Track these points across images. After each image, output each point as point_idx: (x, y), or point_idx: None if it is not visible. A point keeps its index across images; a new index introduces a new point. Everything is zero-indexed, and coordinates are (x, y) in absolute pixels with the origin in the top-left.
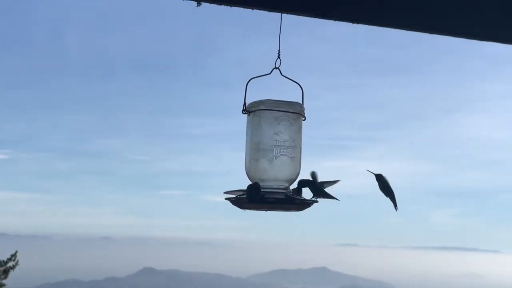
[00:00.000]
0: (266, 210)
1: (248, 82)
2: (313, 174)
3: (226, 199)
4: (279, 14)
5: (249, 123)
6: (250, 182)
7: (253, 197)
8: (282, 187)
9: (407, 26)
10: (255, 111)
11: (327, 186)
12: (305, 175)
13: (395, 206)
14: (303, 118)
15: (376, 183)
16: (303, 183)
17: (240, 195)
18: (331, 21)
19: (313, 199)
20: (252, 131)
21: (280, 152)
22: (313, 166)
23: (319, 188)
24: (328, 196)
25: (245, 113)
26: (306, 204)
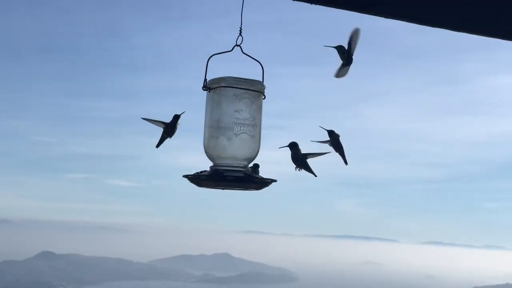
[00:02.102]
0: (223, 189)
1: (209, 58)
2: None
3: (184, 176)
4: None
5: (209, 100)
6: (208, 160)
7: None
8: (241, 165)
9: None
10: (215, 88)
11: (310, 157)
12: (262, 154)
13: (345, 161)
14: (263, 97)
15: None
16: (293, 145)
17: (199, 173)
18: (244, 9)
19: (268, 178)
20: (212, 108)
21: (240, 130)
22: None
23: (301, 158)
24: (309, 169)
25: (205, 90)
26: (264, 183)
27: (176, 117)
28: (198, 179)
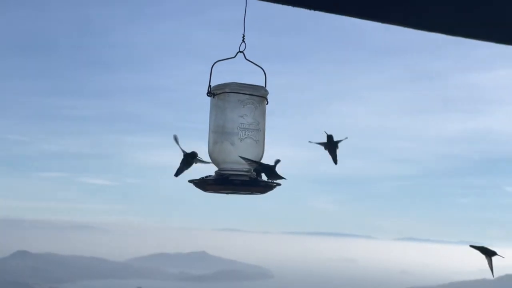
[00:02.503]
0: (227, 193)
1: (213, 65)
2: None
3: (190, 181)
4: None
5: (213, 106)
6: (213, 165)
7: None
8: (245, 169)
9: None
10: (219, 94)
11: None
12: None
13: (335, 161)
14: (267, 102)
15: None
16: (261, 168)
17: (204, 177)
18: (219, 7)
19: (272, 182)
20: (217, 113)
21: (245, 134)
22: (195, 150)
23: (273, 170)
24: (279, 176)
25: (209, 96)
26: (269, 187)
27: (194, 155)
28: (204, 183)
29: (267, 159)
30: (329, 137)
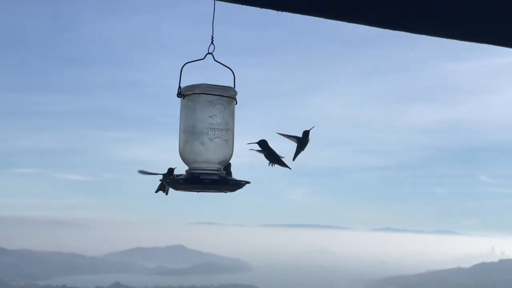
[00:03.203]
0: (198, 191)
1: (183, 66)
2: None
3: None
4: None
5: (183, 107)
6: (184, 164)
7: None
8: (215, 168)
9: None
10: (190, 94)
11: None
12: (236, 157)
13: (294, 158)
14: (236, 103)
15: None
16: (263, 143)
17: (175, 176)
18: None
19: (242, 180)
20: (187, 114)
21: (214, 134)
22: (169, 144)
23: (274, 154)
24: (283, 164)
25: (179, 97)
26: (238, 185)
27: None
28: (176, 183)
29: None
30: (305, 133)
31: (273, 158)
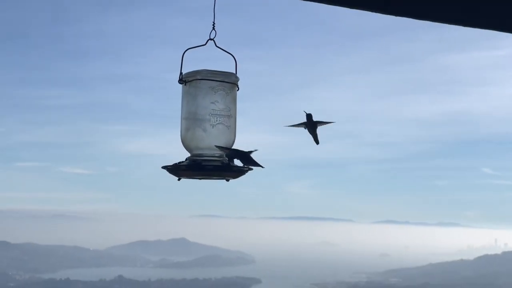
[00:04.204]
0: (200, 178)
1: (184, 52)
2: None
3: (163, 167)
4: None
5: (185, 93)
6: (186, 151)
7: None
8: (217, 155)
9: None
10: (191, 81)
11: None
12: (237, 143)
13: (316, 141)
14: (237, 88)
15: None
16: (233, 154)
17: (177, 163)
18: None
19: (245, 166)
20: (188, 100)
21: (216, 120)
22: (171, 137)
23: (248, 157)
24: (256, 164)
25: (181, 83)
26: (242, 171)
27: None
28: (177, 169)
29: (243, 145)
30: (308, 116)
31: (247, 162)
